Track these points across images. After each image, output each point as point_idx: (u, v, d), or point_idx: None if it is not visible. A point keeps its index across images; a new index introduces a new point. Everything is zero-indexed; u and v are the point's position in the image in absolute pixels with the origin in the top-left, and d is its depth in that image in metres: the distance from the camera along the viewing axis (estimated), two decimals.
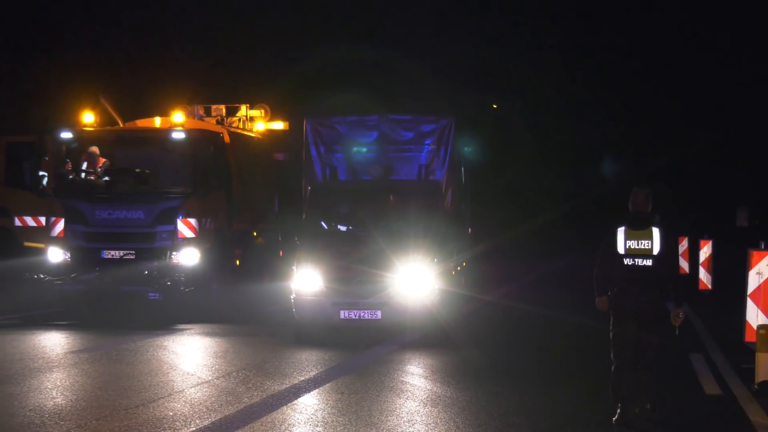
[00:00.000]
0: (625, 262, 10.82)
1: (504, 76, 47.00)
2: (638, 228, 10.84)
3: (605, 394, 11.37)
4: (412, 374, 13.74)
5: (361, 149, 18.59)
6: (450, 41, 44.11)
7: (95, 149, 19.59)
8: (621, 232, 10.87)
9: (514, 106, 47.96)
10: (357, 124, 18.72)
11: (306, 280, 16.34)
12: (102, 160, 19.63)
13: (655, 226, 10.87)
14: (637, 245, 10.80)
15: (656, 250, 10.76)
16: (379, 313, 16.05)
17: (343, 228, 17.57)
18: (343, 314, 16.10)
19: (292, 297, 16.50)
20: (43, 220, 20.72)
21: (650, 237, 10.78)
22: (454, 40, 44.35)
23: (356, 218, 17.41)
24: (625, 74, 52.97)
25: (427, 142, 18.47)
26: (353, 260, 16.33)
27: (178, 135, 19.16)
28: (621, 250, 10.84)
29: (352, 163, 18.59)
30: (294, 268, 16.61)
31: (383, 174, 18.25)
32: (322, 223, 17.48)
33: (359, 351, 15.52)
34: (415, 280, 16.24)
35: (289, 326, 16.93)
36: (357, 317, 16.09)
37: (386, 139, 18.54)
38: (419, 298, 16.17)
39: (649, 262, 10.76)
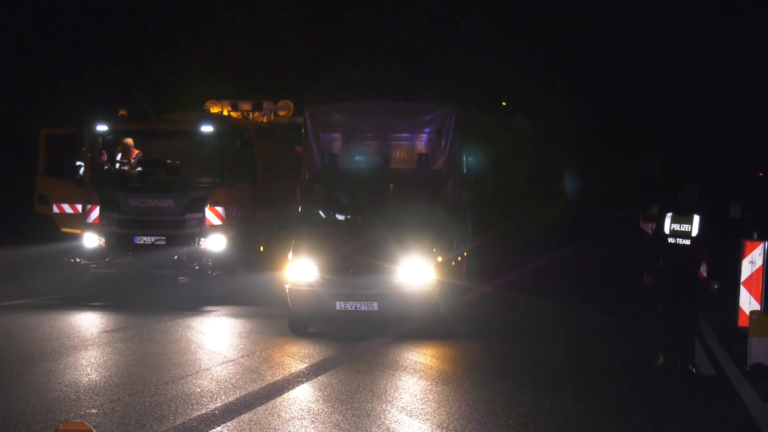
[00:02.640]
0: (669, 241, 12.41)
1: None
2: (683, 214, 12.38)
3: (602, 375, 11.39)
4: (425, 354, 13.68)
5: (360, 137, 17.37)
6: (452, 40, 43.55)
7: (129, 141, 19.65)
8: (669, 216, 12.46)
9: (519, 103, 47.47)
10: (357, 112, 17.54)
11: (301, 270, 15.04)
12: (135, 152, 19.66)
13: (698, 213, 12.31)
14: (680, 227, 12.37)
15: (694, 233, 12.29)
16: (375, 305, 14.74)
17: (340, 217, 16.28)
18: (339, 305, 14.79)
19: (286, 287, 15.14)
20: (79, 207, 20.69)
21: (691, 222, 12.33)
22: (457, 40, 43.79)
23: (354, 207, 16.20)
24: (625, 72, 52.53)
25: (427, 130, 17.12)
26: (350, 250, 15.06)
27: (207, 129, 19.13)
28: (666, 230, 12.42)
29: (352, 152, 17.26)
30: (289, 257, 15.30)
31: (383, 163, 16.89)
32: (320, 212, 16.21)
33: (371, 337, 15.04)
34: (414, 271, 14.90)
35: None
36: (353, 308, 14.80)
37: (386, 127, 17.32)
38: (417, 289, 14.85)
39: (687, 242, 12.33)
